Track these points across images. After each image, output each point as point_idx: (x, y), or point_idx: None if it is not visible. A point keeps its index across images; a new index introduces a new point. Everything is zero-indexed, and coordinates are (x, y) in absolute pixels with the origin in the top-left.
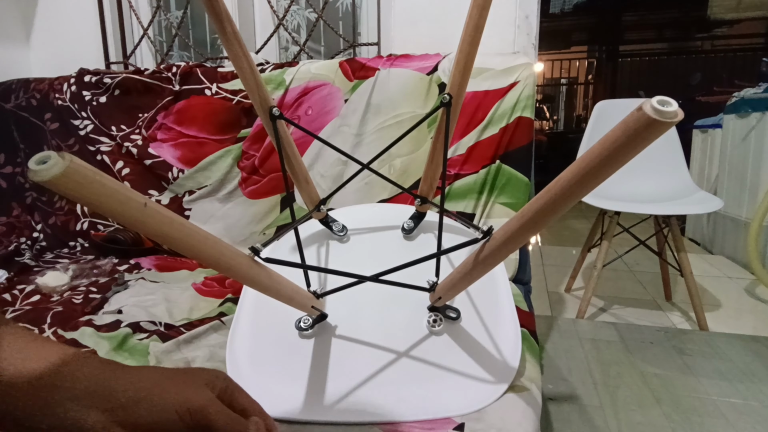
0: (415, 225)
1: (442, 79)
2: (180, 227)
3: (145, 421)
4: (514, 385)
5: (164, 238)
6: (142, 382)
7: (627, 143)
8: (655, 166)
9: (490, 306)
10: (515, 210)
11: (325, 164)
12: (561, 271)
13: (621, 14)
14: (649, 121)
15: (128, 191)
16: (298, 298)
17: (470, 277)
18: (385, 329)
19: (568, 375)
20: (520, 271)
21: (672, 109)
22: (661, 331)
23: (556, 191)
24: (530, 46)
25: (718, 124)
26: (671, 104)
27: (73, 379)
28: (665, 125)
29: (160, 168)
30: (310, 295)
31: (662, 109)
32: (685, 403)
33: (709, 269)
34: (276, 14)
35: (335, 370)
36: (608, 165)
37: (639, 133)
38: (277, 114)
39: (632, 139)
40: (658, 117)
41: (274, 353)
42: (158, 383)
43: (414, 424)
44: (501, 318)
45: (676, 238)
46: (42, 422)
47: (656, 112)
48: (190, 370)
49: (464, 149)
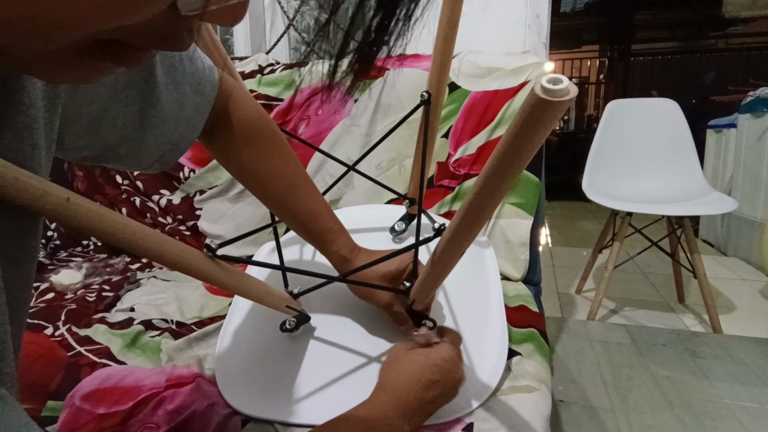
0: (406, 226)
1: (452, 79)
2: (112, 222)
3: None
4: (523, 385)
5: (96, 235)
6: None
7: (526, 127)
8: (668, 167)
9: (478, 320)
10: (526, 210)
11: (333, 166)
12: (571, 272)
13: (633, 13)
14: (540, 101)
15: (46, 185)
16: (268, 298)
17: (432, 277)
18: (365, 333)
19: (579, 377)
20: (530, 272)
21: (561, 86)
22: (674, 333)
23: (479, 185)
24: (541, 45)
25: (733, 124)
26: (561, 82)
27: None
28: (556, 104)
29: (172, 167)
30: (284, 295)
31: (551, 87)
32: (697, 406)
33: (723, 271)
34: (286, 15)
35: (313, 371)
36: (516, 153)
37: (535, 115)
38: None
39: (530, 122)
40: (548, 96)
41: (260, 353)
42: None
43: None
44: (487, 333)
45: (690, 239)
46: None
47: (546, 92)
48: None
49: (474, 149)
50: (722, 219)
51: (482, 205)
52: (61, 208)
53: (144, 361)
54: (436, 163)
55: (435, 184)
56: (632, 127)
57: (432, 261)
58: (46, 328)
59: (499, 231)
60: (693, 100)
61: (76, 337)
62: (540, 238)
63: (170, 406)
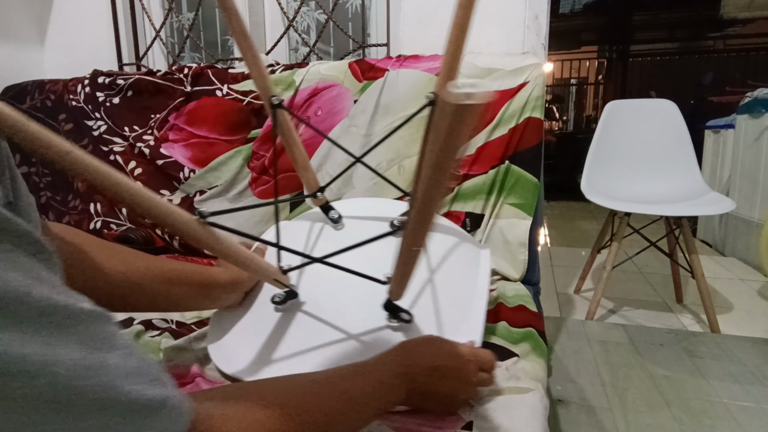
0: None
1: None
2: (107, 176)
3: None
4: (519, 386)
5: (93, 187)
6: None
7: (446, 132)
8: (667, 167)
9: (457, 315)
10: (525, 210)
11: (334, 164)
12: (570, 272)
13: (631, 14)
14: (451, 107)
15: (50, 137)
16: (255, 267)
17: (402, 270)
18: (349, 315)
19: (577, 377)
20: (529, 271)
21: (467, 92)
22: (672, 333)
23: (424, 184)
24: (540, 46)
25: (731, 125)
26: (472, 87)
27: None
28: (464, 107)
29: (172, 168)
30: (273, 269)
31: (457, 92)
32: (695, 405)
33: (721, 271)
34: (286, 15)
35: (293, 345)
36: (443, 156)
37: (451, 121)
38: (276, 103)
39: (449, 127)
40: (458, 101)
41: (251, 322)
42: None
43: (423, 422)
44: (464, 328)
45: (688, 239)
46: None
47: (455, 98)
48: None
49: (473, 149)
50: (720, 219)
51: (429, 200)
52: (60, 159)
53: None
54: None
55: None
56: (631, 128)
57: (398, 253)
58: None
59: (497, 231)
60: (691, 101)
61: None
62: (539, 238)
63: None
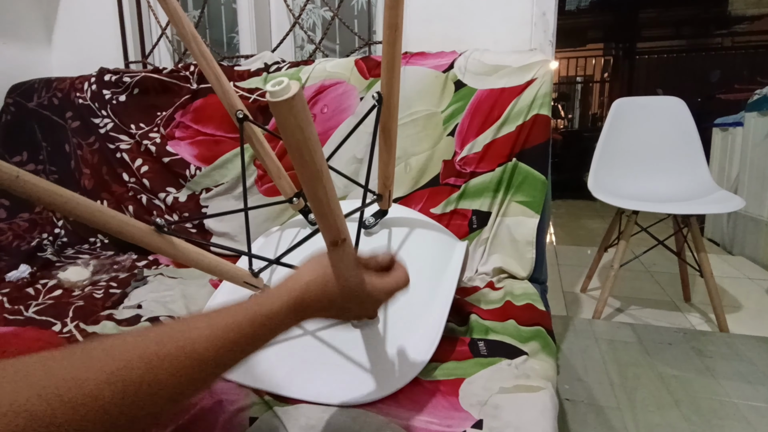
0: (376, 221)
1: (458, 77)
2: (57, 196)
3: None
4: (529, 385)
5: (47, 206)
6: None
7: (281, 126)
8: (675, 165)
9: (424, 301)
10: (532, 208)
11: (340, 162)
12: (576, 271)
13: (638, 11)
14: (272, 105)
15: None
16: (222, 271)
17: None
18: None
19: (585, 376)
20: (537, 270)
21: (281, 87)
22: (680, 332)
23: (303, 181)
24: (547, 43)
25: (739, 122)
26: (282, 83)
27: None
28: (280, 104)
29: (178, 166)
30: (242, 272)
31: (273, 89)
32: (705, 405)
33: (729, 270)
34: (292, 13)
35: (285, 348)
36: (291, 148)
37: (277, 116)
38: (241, 116)
39: (279, 122)
40: (273, 98)
41: None
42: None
43: (433, 420)
44: (428, 313)
45: (696, 238)
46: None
47: (271, 95)
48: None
49: (480, 147)
50: (728, 218)
51: (312, 192)
52: (11, 183)
53: None
54: (442, 162)
55: (441, 182)
56: (638, 126)
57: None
58: (54, 324)
59: (505, 229)
60: (698, 99)
61: (85, 334)
62: (546, 236)
63: None
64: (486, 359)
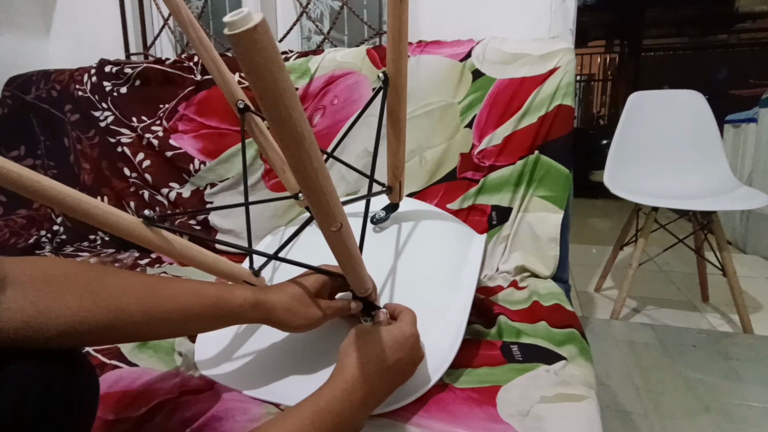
0: (387, 215)
1: (476, 66)
2: (31, 181)
3: None
4: (572, 393)
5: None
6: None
7: (245, 68)
8: (693, 161)
9: (442, 298)
10: (555, 203)
11: (350, 156)
12: (584, 269)
13: (644, 8)
14: (231, 37)
15: None
16: (219, 269)
17: (341, 259)
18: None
19: (607, 379)
20: (560, 268)
21: (241, 15)
22: (703, 333)
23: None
24: (567, 31)
25: (753, 119)
26: (242, 12)
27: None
28: (240, 35)
29: (181, 160)
30: (243, 271)
31: (232, 19)
32: (735, 411)
33: (744, 269)
34: (299, 2)
35: (262, 343)
36: (259, 95)
37: (239, 54)
38: (242, 106)
39: (242, 62)
40: (231, 30)
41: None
42: None
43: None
44: (449, 311)
45: (719, 236)
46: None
47: (230, 26)
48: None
49: (500, 139)
50: (741, 216)
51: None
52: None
53: (157, 362)
54: (459, 155)
55: (458, 176)
56: (655, 120)
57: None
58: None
59: (526, 226)
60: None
61: None
62: (569, 233)
63: (187, 413)
64: (521, 365)
